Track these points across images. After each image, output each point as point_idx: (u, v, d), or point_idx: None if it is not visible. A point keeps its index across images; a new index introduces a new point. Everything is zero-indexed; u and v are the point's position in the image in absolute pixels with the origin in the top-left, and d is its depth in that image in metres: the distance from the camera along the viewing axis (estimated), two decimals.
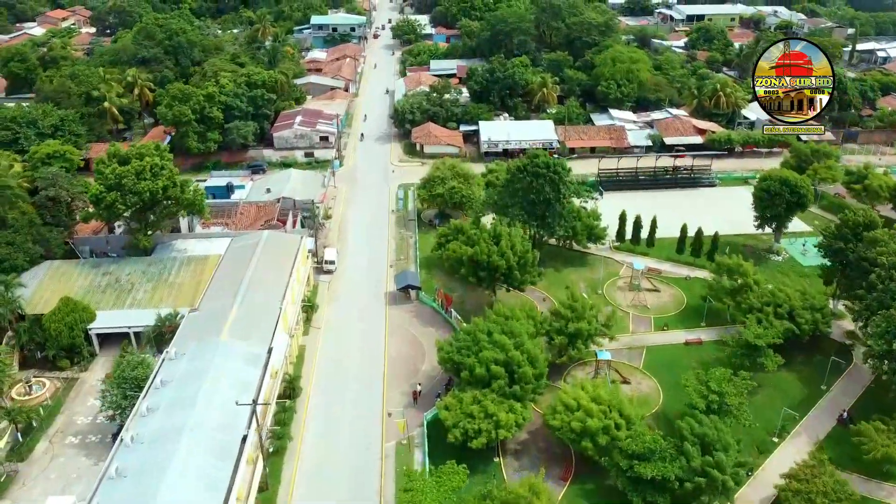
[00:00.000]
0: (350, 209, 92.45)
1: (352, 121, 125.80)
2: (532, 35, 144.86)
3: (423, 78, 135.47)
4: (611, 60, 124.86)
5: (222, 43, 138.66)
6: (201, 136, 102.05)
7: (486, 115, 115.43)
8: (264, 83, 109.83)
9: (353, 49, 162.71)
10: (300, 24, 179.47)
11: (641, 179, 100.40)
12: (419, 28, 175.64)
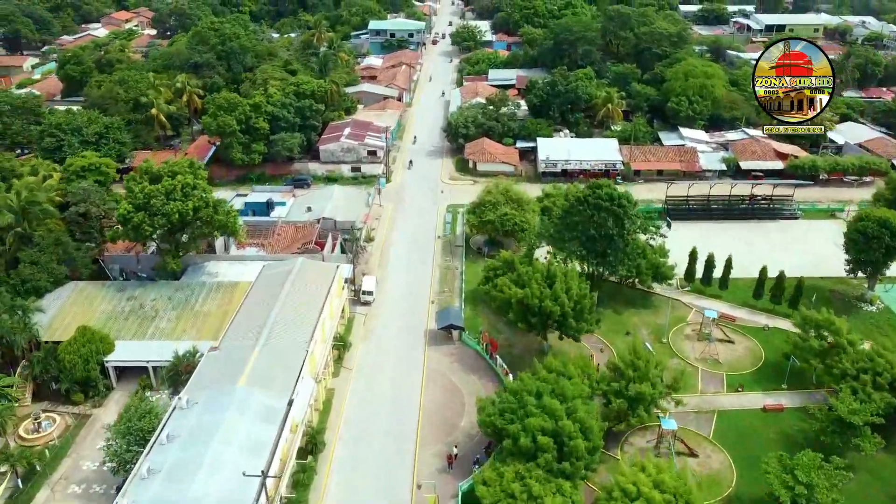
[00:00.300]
0: (394, 231, 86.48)
1: (403, 132, 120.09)
2: (598, 45, 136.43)
3: (480, 88, 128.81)
4: (683, 75, 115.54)
5: (276, 48, 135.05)
6: (246, 147, 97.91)
7: (545, 132, 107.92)
8: (313, 93, 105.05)
9: (410, 56, 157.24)
10: (358, 30, 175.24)
11: (714, 208, 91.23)
12: (479, 35, 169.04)
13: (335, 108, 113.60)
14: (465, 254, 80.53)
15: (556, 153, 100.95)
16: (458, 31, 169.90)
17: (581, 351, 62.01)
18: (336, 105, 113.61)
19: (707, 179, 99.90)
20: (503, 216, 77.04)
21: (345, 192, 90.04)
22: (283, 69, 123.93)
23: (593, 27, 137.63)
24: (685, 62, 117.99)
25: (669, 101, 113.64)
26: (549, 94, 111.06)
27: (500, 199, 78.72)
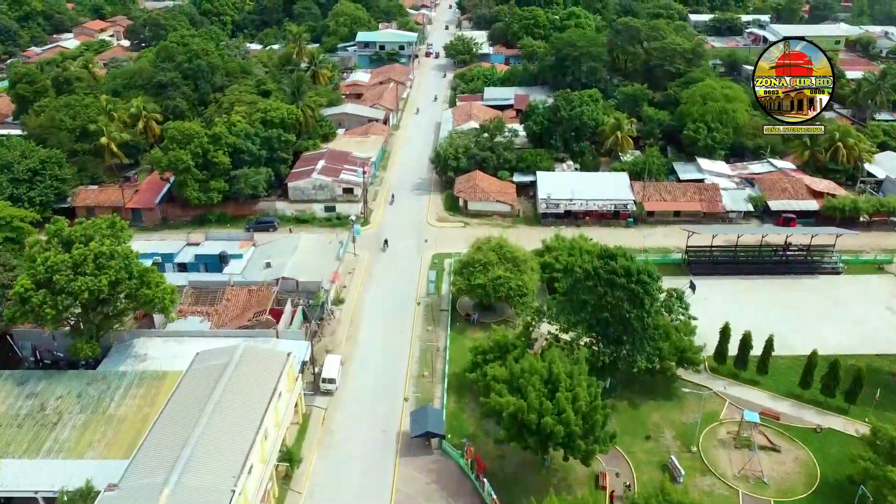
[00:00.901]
0: (369, 290, 73.18)
1: (388, 160, 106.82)
2: (604, 61, 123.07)
3: (475, 110, 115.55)
4: (700, 98, 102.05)
5: (251, 65, 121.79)
6: (203, 184, 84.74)
7: (546, 163, 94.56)
8: (283, 121, 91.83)
9: (400, 71, 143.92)
10: (346, 41, 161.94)
11: (742, 261, 77.92)
12: (475, 47, 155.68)
13: (310, 135, 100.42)
14: (450, 320, 67.28)
15: (559, 191, 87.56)
16: (453, 43, 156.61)
17: (591, 470, 48.86)
18: (311, 133, 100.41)
19: (731, 222, 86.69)
20: (496, 280, 63.73)
21: (312, 242, 76.71)
22: (255, 89, 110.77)
23: (599, 42, 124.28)
24: (703, 83, 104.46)
25: (685, 127, 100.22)
26: (551, 120, 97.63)
27: (493, 257, 65.38)
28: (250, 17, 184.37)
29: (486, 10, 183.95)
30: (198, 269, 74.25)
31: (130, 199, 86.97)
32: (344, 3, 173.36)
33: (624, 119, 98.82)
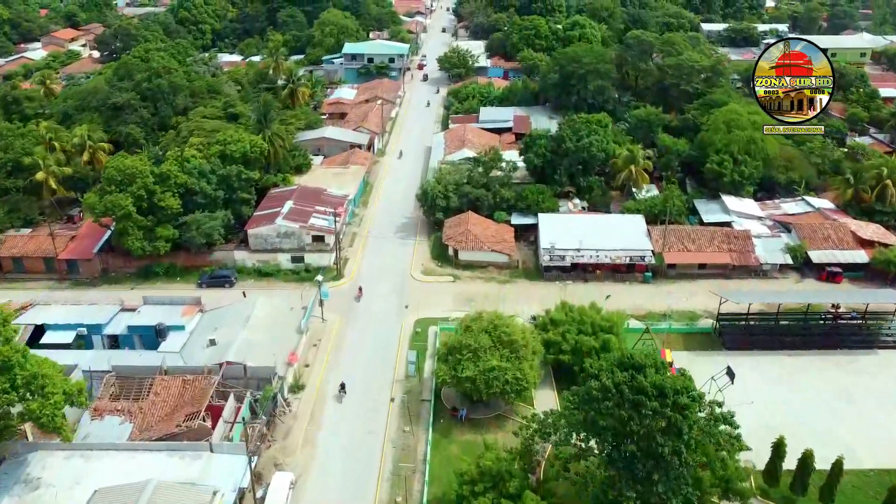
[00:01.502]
0: (335, 369, 60.09)
1: (370, 194, 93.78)
2: (612, 79, 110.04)
3: (470, 134, 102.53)
4: (724, 125, 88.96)
5: (220, 84, 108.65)
6: (148, 232, 71.80)
7: (549, 202, 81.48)
8: (245, 155, 78.86)
9: (389, 87, 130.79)
10: (332, 52, 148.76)
11: (784, 330, 64.84)
12: (471, 60, 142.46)
13: (279, 168, 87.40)
14: (433, 415, 54.25)
15: (564, 239, 74.45)
16: (447, 55, 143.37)
17: None
18: (280, 165, 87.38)
19: (766, 276, 73.71)
20: (489, 372, 50.70)
21: (270, 307, 63.66)
22: (223, 112, 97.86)
23: (607, 58, 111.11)
24: (727, 109, 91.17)
25: (708, 158, 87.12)
26: (555, 152, 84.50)
27: (485, 341, 52.30)
28: (232, 25, 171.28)
29: (484, 19, 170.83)
30: (132, 342, 61.34)
31: (64, 248, 73.99)
32: (331, 12, 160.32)
33: (639, 151, 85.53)
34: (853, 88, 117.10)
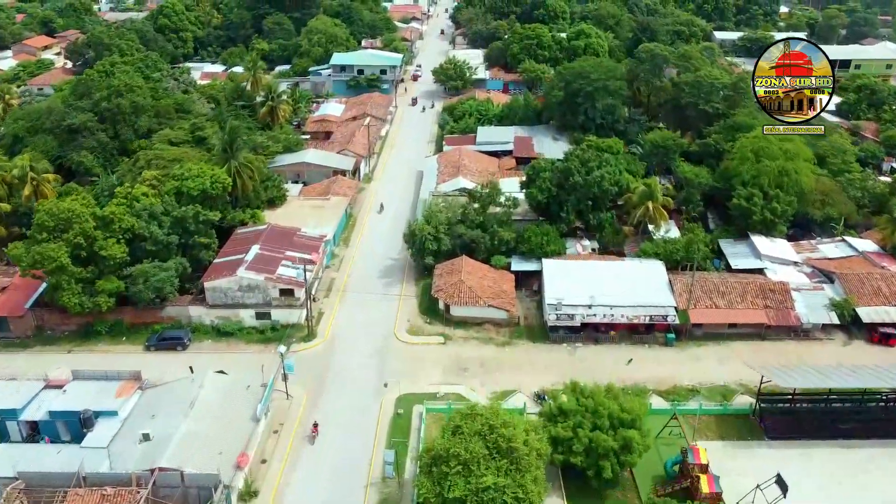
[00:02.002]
0: (298, 467, 49.37)
1: (352, 229, 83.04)
2: (623, 97, 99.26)
3: (466, 159, 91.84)
4: (752, 154, 78.16)
5: (190, 102, 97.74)
6: (88, 285, 61.13)
7: (555, 245, 70.65)
8: (204, 193, 68.12)
9: (379, 102, 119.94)
10: (321, 62, 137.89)
11: (836, 413, 53.99)
12: (469, 71, 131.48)
13: (249, 202, 76.66)
14: None
15: (573, 292, 63.61)
16: (443, 66, 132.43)
17: None
18: (250, 199, 76.64)
19: (808, 336, 63.01)
20: (482, 492, 39.93)
21: (219, 388, 52.74)
22: (190, 135, 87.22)
23: (617, 73, 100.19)
24: (754, 135, 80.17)
25: (734, 192, 76.34)
26: (561, 186, 73.68)
27: (478, 448, 41.50)
28: (216, 32, 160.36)
29: (483, 26, 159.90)
30: (54, 431, 50.63)
31: None
32: (320, 19, 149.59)
33: (657, 186, 74.64)
34: (886, 107, 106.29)
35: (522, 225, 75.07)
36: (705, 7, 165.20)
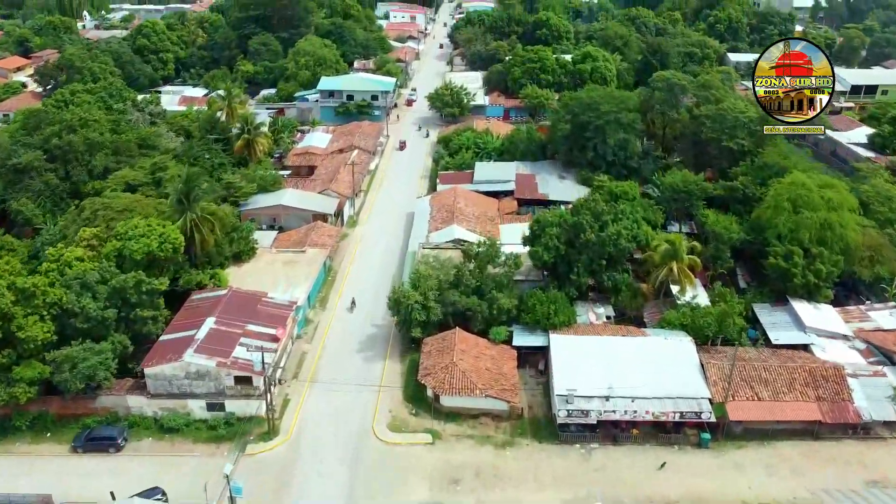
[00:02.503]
0: None
1: (331, 287, 72.28)
2: (637, 131, 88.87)
3: (461, 201, 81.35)
4: (789, 203, 67.48)
5: (156, 137, 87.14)
6: (5, 372, 50.39)
7: (563, 314, 59.76)
8: (150, 255, 57.46)
9: (369, 131, 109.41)
10: (309, 87, 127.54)
11: None
12: (467, 97, 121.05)
13: (209, 259, 65.95)
14: None
15: (586, 379, 52.69)
16: (439, 92, 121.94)
17: None
18: (211, 256, 65.91)
19: (869, 433, 52.10)
20: None
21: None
22: (150, 176, 76.75)
23: (630, 103, 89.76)
24: (790, 181, 69.24)
25: (768, 246, 65.67)
26: (571, 244, 62.96)
27: None
28: (199, 53, 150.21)
29: (482, 47, 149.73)
30: None
31: None
32: (309, 40, 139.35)
33: (681, 243, 63.85)
34: None
35: (526, 286, 64.41)
36: (717, 27, 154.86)
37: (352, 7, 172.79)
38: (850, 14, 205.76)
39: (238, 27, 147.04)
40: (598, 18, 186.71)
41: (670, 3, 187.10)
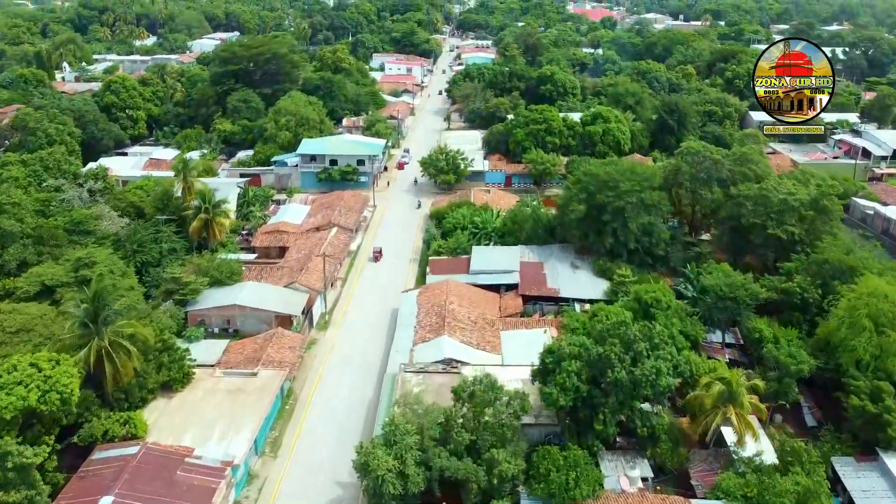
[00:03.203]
0: None
1: (287, 420, 56.81)
2: (663, 213, 74.64)
3: (455, 301, 66.62)
4: (868, 321, 52.51)
5: (91, 220, 72.56)
6: None
7: (587, 482, 44.21)
8: (28, 412, 42.16)
9: (352, 203, 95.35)
10: (291, 149, 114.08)
11: None
12: (464, 162, 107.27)
13: (127, 397, 50.68)
14: None
15: None
16: (433, 156, 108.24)
17: None
18: (128, 392, 50.66)
19: None
20: None
21: None
22: (73, 275, 62.05)
23: (655, 180, 75.69)
24: (868, 290, 54.49)
25: (847, 381, 50.54)
26: (595, 382, 47.77)
27: None
28: (175, 109, 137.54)
29: (481, 104, 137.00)
30: None
31: None
32: (293, 96, 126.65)
33: (740, 381, 48.59)
34: None
35: (535, 432, 49.16)
36: (736, 83, 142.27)
37: (343, 60, 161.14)
38: (869, 66, 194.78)
39: (217, 82, 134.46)
40: (605, 72, 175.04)
41: (681, 56, 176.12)
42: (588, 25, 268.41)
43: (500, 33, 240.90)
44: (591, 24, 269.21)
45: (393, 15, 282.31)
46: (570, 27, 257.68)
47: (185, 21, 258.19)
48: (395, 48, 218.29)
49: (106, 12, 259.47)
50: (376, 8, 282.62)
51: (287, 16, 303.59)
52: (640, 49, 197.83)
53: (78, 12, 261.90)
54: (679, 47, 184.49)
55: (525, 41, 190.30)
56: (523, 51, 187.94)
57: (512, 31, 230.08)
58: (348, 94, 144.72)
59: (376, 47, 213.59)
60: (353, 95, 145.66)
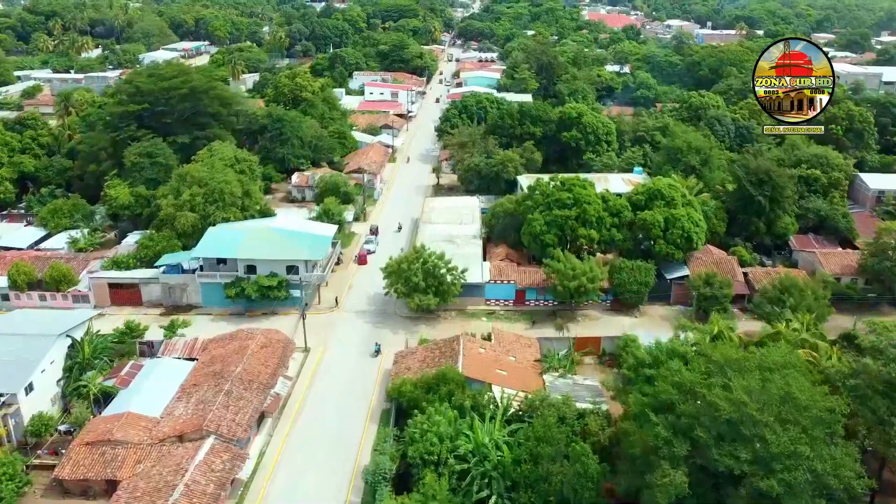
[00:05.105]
0: None
1: None
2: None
3: None
4: None
5: None
6: None
7: None
8: None
9: (256, 368, 55.05)
10: (195, 238, 73.63)
11: None
12: (453, 273, 66.86)
13: None
14: None
15: None
16: (404, 266, 67.47)
17: None
18: None
19: None
20: None
21: None
22: None
23: (827, 415, 35.35)
24: None
25: None
26: None
27: None
28: (60, 163, 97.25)
29: (481, 160, 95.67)
30: None
31: None
32: (219, 149, 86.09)
33: None
34: None
35: None
36: (833, 130, 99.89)
37: (304, 89, 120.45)
38: None
39: (114, 127, 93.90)
40: (641, 100, 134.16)
41: (737, 81, 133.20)
42: (609, 34, 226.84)
43: (507, 45, 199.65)
44: (612, 33, 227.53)
45: (385, 22, 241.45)
46: (587, 37, 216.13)
47: (143, 29, 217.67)
48: (382, 65, 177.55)
49: (53, 18, 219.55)
50: (366, 14, 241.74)
51: (267, 22, 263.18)
52: (681, 70, 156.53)
53: (22, 18, 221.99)
54: (731, 69, 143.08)
55: (538, 59, 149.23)
56: (536, 71, 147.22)
57: (521, 42, 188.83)
58: (305, 137, 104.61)
59: (358, 63, 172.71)
60: (313, 138, 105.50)
